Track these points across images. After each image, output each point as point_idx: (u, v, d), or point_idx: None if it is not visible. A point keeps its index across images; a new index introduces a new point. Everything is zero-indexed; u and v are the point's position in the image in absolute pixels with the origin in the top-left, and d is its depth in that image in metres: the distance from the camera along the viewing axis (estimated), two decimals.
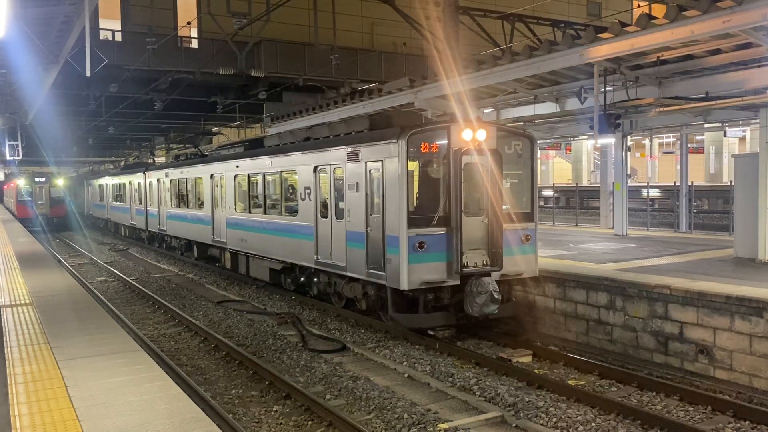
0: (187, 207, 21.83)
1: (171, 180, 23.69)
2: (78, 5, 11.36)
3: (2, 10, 8.91)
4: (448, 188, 10.67)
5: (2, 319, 8.94)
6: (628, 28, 9.56)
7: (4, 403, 5.64)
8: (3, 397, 5.82)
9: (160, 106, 23.37)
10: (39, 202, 41.45)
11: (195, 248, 21.79)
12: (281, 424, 7.84)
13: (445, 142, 10.73)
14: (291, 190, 15.08)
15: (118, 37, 23.19)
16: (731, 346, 8.76)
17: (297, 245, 14.01)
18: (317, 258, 13.06)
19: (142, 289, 17.35)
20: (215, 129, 34.08)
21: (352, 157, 11.69)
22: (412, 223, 10.46)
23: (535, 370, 9.62)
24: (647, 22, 9.22)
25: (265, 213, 15.85)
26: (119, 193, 33.18)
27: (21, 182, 42.32)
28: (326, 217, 12.83)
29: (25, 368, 6.57)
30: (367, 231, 11.34)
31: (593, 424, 7.53)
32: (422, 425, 7.56)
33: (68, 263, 23.53)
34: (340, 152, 12.21)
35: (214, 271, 20.61)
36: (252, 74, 21.92)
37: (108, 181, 36.47)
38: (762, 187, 11.61)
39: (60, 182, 43.22)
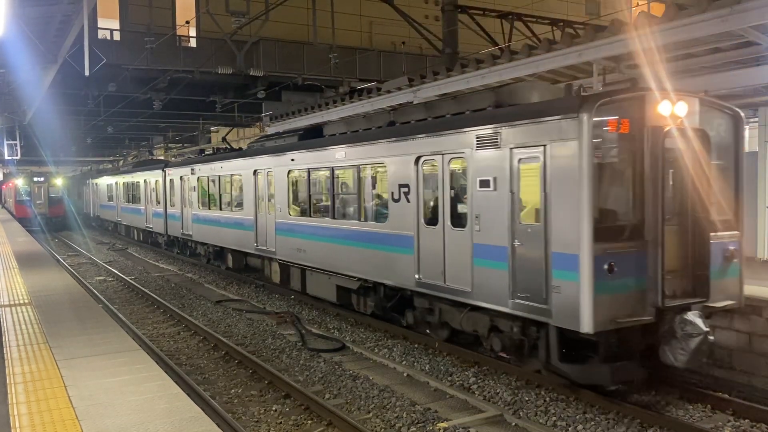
0: (220, 209, 18.75)
1: (199, 178, 20.52)
2: (76, 4, 11.36)
3: (1, 9, 8.89)
4: (642, 184, 7.78)
5: (1, 319, 8.93)
6: (626, 27, 9.56)
7: (4, 402, 5.64)
8: (2, 396, 5.81)
9: (158, 105, 23.34)
10: (38, 202, 41.42)
11: (229, 257, 18.85)
12: (280, 423, 7.84)
13: (639, 117, 7.80)
14: (376, 189, 12.36)
15: (117, 36, 23.16)
16: None
17: (385, 260, 10.97)
18: (419, 278, 10.08)
19: (141, 288, 17.33)
20: (213, 128, 34.09)
21: (486, 143, 8.71)
22: (598, 235, 7.41)
23: None
24: (646, 20, 9.23)
25: (335, 218, 12.71)
26: (132, 193, 29.87)
27: (19, 182, 42.28)
28: (434, 225, 9.81)
29: (24, 368, 6.57)
30: (513, 245, 8.33)
31: (592, 423, 7.53)
32: (422, 424, 7.57)
33: (67, 263, 23.51)
34: (462, 137, 9.16)
35: (213, 271, 20.59)
36: (251, 73, 21.90)
37: (118, 180, 32.90)
38: (761, 186, 11.62)
39: (59, 182, 43.16)
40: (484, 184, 8.75)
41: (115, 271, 21.03)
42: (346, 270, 12.20)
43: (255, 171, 16.14)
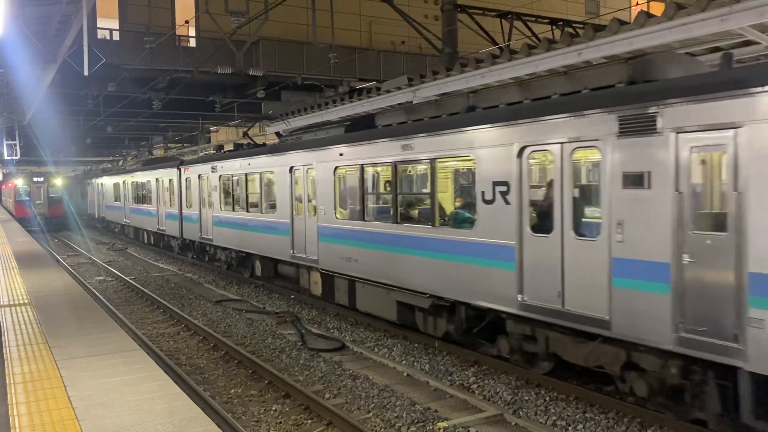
0: (247, 211, 16.96)
1: (221, 176, 18.75)
2: (76, 4, 11.36)
3: (0, 9, 8.89)
4: None
5: (1, 319, 8.93)
6: (625, 27, 9.56)
7: (3, 403, 5.63)
8: (2, 397, 5.81)
9: (158, 105, 23.31)
10: (37, 202, 41.42)
11: (257, 264, 17.05)
12: (280, 423, 7.84)
13: None
14: (459, 188, 11.11)
15: (116, 36, 23.13)
16: None
17: (472, 274, 9.10)
18: (523, 299, 8.26)
19: (141, 288, 17.33)
20: (213, 128, 34.04)
21: (635, 127, 6.84)
22: None
23: None
24: (645, 19, 9.23)
25: (398, 222, 10.82)
26: (141, 193, 27.99)
27: (19, 182, 42.27)
28: (546, 233, 7.98)
29: (23, 368, 6.57)
30: (680, 261, 6.45)
31: (592, 422, 7.53)
32: (421, 424, 7.57)
33: (67, 263, 23.51)
34: (593, 121, 7.32)
35: (212, 271, 20.59)
36: (250, 73, 21.86)
37: (126, 180, 31.03)
38: None
39: (58, 182, 43.13)
40: (632, 181, 6.81)
41: (115, 271, 21.02)
42: (414, 285, 10.33)
43: (291, 168, 14.29)
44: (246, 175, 17.03)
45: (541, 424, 7.54)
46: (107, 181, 36.42)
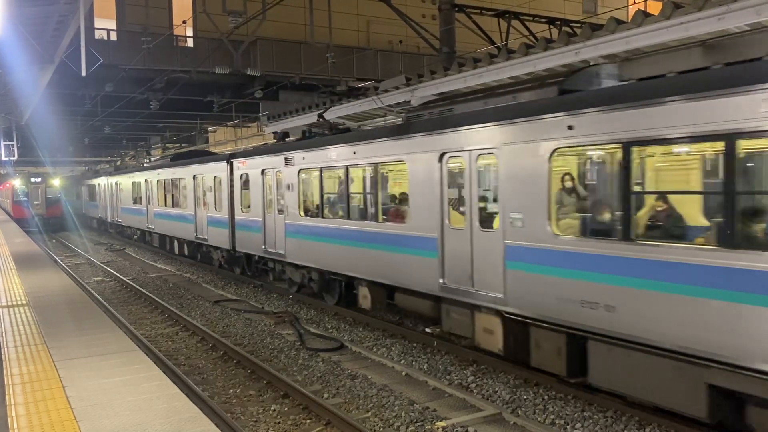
0: (348, 218, 12.31)
1: (302, 170, 13.98)
2: (73, 4, 11.34)
3: None
4: None
5: None
6: (623, 26, 9.57)
7: (2, 404, 5.63)
8: (0, 398, 5.81)
9: (155, 105, 23.31)
10: (35, 203, 41.38)
11: (364, 292, 12.03)
12: (279, 423, 7.84)
13: None
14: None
15: (114, 36, 23.13)
16: None
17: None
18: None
19: (139, 288, 17.32)
20: (211, 128, 34.04)
21: None
22: None
23: None
24: (643, 19, 9.24)
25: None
26: (172, 193, 23.53)
27: (17, 183, 42.23)
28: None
29: (22, 369, 6.56)
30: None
31: (590, 421, 7.54)
32: (420, 423, 7.57)
33: (65, 263, 23.49)
34: None
35: (211, 271, 20.57)
36: (248, 73, 21.86)
37: (150, 178, 26.24)
38: None
39: (56, 182, 43.08)
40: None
41: (113, 272, 21.01)
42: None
43: (443, 155, 9.69)
44: (348, 168, 12.37)
45: (540, 423, 7.55)
46: (124, 181, 31.06)
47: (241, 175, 17.35)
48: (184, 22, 20.87)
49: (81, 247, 29.79)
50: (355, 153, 12.04)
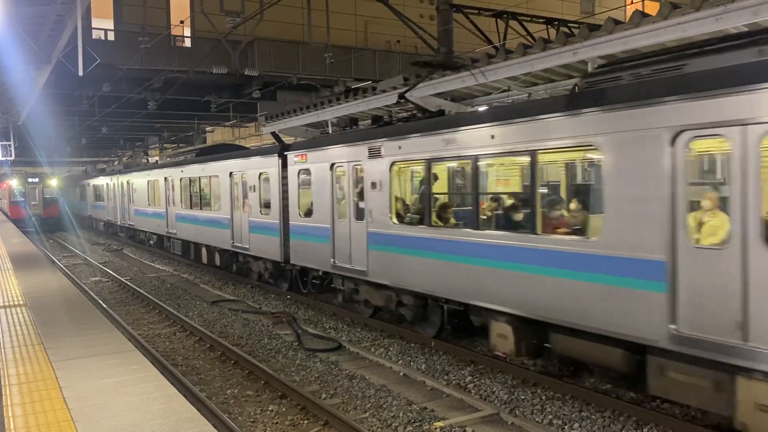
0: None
1: (395, 163, 11.08)
2: (70, 4, 11.32)
3: None
4: None
5: None
6: (621, 26, 9.58)
7: None
8: None
9: (153, 105, 23.29)
10: (32, 203, 41.30)
11: (507, 329, 8.93)
12: (277, 423, 7.83)
13: None
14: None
15: (111, 36, 23.09)
16: None
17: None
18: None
19: (137, 289, 17.29)
20: (209, 128, 34.00)
21: None
22: None
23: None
24: (641, 19, 9.24)
25: None
26: (198, 193, 20.79)
27: (14, 183, 42.16)
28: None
29: (19, 369, 6.54)
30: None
31: (588, 421, 7.54)
32: (418, 423, 7.57)
33: (62, 264, 23.46)
34: None
35: (209, 271, 20.54)
36: (246, 73, 21.87)
37: (171, 176, 23.20)
38: None
39: (53, 182, 43.00)
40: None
41: (111, 272, 20.98)
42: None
43: (679, 134, 6.59)
44: (478, 159, 9.41)
45: (538, 423, 7.55)
46: (138, 179, 27.80)
47: (300, 171, 14.21)
48: (182, 22, 20.83)
49: (78, 248, 29.74)
50: (493, 137, 8.94)
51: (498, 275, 8.85)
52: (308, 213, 13.95)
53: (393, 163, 11.11)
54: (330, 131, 15.85)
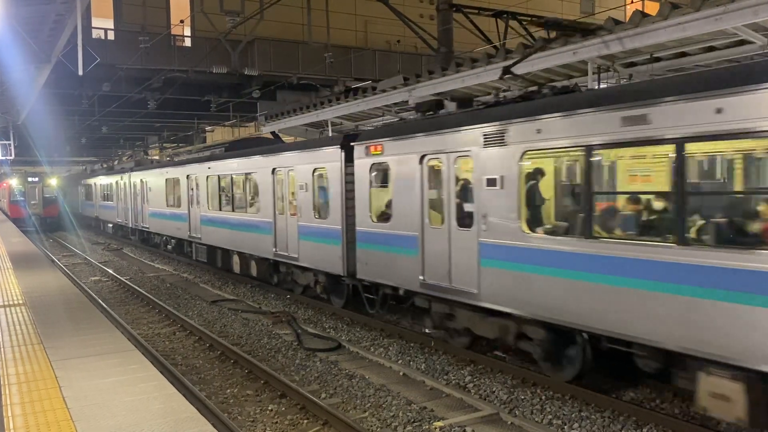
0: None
1: (527, 153, 8.50)
2: (70, 4, 11.32)
3: None
4: None
5: None
6: (620, 26, 9.57)
7: None
8: None
9: (153, 105, 23.30)
10: (32, 202, 41.29)
11: (738, 390, 6.18)
12: (276, 423, 7.83)
13: None
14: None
15: (111, 35, 23.09)
16: None
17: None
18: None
19: (137, 288, 17.29)
20: (208, 128, 33.99)
21: None
22: None
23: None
24: (640, 19, 9.24)
25: None
26: (229, 193, 18.04)
27: (14, 182, 42.15)
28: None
29: (18, 369, 6.54)
30: None
31: (588, 421, 7.55)
32: (418, 423, 7.57)
33: (62, 263, 23.45)
34: None
35: (208, 270, 20.54)
36: (245, 73, 21.88)
37: (194, 173, 20.45)
38: None
39: (53, 182, 42.98)
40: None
41: (110, 272, 20.97)
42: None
43: None
44: (682, 145, 6.66)
45: (537, 423, 7.55)
46: (154, 178, 25.25)
47: (373, 165, 11.64)
48: (182, 21, 20.84)
49: (78, 247, 29.73)
50: (720, 111, 6.18)
51: (725, 312, 6.21)
52: (384, 217, 11.48)
53: (525, 152, 8.42)
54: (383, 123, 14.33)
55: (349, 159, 12.41)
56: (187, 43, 24.42)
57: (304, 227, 13.96)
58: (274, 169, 15.20)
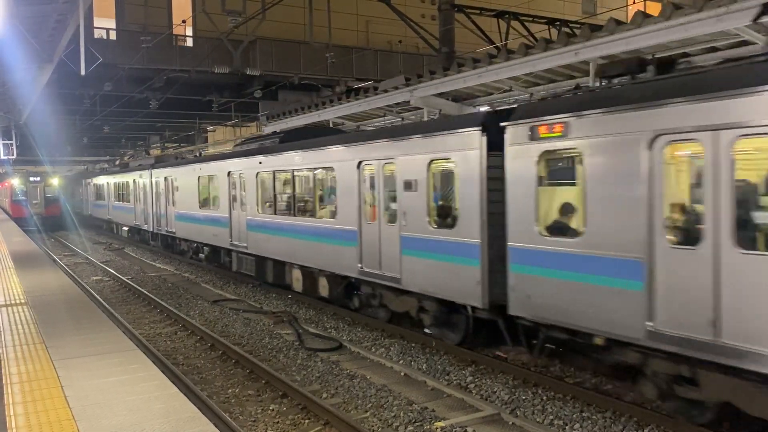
0: None
1: None
2: (72, 3, 11.33)
3: None
4: None
5: None
6: (622, 26, 9.56)
7: (0, 403, 5.62)
8: None
9: (155, 104, 23.32)
10: (34, 202, 41.34)
11: None
12: (278, 423, 7.83)
13: None
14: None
15: (113, 35, 23.13)
16: None
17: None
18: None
19: (138, 288, 17.30)
20: (210, 128, 34.02)
21: None
22: None
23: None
24: (642, 19, 9.23)
25: None
26: (291, 192, 14.78)
27: (16, 182, 42.20)
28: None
29: (20, 368, 6.55)
30: None
31: (589, 421, 7.54)
32: (419, 423, 7.57)
33: (63, 263, 23.48)
34: None
35: (210, 270, 20.55)
36: (247, 73, 21.90)
37: (236, 170, 17.22)
38: None
39: (55, 181, 43.03)
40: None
41: (112, 271, 20.99)
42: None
43: None
44: None
45: (539, 424, 7.55)
46: (183, 175, 21.78)
47: (543, 154, 8.27)
48: (184, 21, 20.88)
49: (80, 247, 29.75)
50: None
51: None
52: (560, 229, 8.23)
53: None
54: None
55: (495, 146, 9.11)
56: (189, 42, 24.47)
57: (412, 239, 10.65)
58: (360, 163, 11.96)
